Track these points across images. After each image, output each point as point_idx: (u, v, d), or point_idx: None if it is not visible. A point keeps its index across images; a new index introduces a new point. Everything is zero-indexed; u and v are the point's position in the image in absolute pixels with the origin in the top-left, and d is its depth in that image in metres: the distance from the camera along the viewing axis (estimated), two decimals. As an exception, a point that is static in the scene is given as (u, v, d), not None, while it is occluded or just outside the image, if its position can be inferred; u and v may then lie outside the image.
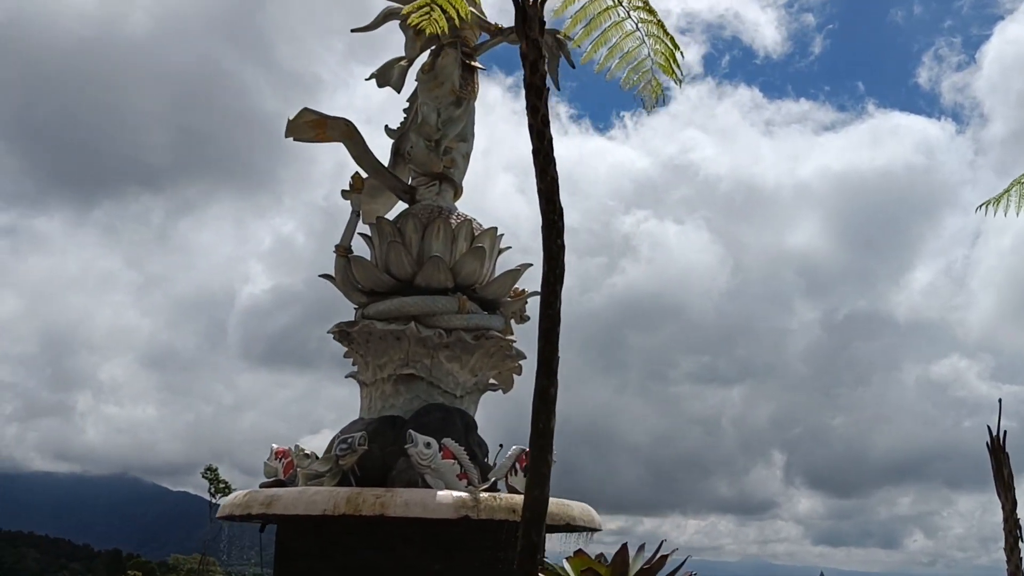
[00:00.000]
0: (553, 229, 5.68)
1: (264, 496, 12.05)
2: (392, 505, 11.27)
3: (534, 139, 5.71)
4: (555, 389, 5.61)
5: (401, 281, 13.61)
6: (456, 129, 14.42)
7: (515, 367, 14.68)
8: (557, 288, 5.70)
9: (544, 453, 5.57)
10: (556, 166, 5.69)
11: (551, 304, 5.70)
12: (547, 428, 5.55)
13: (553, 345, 5.66)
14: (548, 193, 5.65)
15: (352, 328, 13.47)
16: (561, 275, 5.71)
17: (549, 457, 5.61)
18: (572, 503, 12.46)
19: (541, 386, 5.61)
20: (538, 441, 5.60)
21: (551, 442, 5.60)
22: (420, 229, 13.61)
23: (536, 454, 5.63)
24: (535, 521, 5.46)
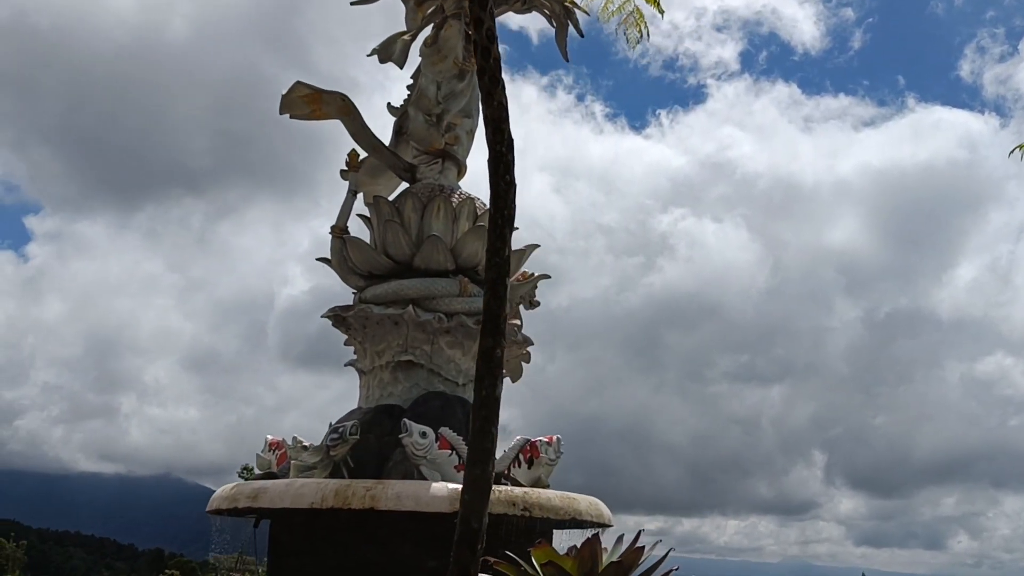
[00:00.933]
0: (501, 163, 4.93)
1: (251, 489, 11.42)
2: (383, 498, 10.57)
3: (478, 57, 4.98)
4: (501, 350, 4.88)
5: (400, 263, 12.90)
6: (459, 104, 13.69)
7: (523, 354, 13.92)
8: (506, 232, 4.97)
9: (487, 424, 4.83)
10: (505, 89, 4.95)
11: (498, 251, 4.96)
12: (491, 396, 4.81)
13: (500, 298, 4.93)
14: (495, 120, 4.90)
15: (348, 313, 12.79)
16: (511, 217, 4.98)
17: (493, 429, 4.86)
18: (578, 496, 11.69)
19: (485, 346, 4.87)
20: (481, 411, 4.86)
21: (496, 411, 4.86)
22: (420, 208, 12.89)
23: (479, 425, 4.89)
24: (475, 505, 4.72)
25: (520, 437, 12.04)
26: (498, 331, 4.90)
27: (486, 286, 4.96)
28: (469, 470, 4.87)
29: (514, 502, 10.83)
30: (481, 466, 4.74)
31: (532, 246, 13.55)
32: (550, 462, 11.89)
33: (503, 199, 4.98)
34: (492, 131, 4.95)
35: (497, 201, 5.04)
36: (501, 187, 4.98)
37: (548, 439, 12.06)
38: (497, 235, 5.01)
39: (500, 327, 4.91)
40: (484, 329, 4.92)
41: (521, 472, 11.75)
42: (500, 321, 4.92)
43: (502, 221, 5.00)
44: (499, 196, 5.01)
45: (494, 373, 4.82)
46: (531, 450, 11.92)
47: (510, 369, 14.18)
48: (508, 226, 5.02)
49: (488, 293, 4.97)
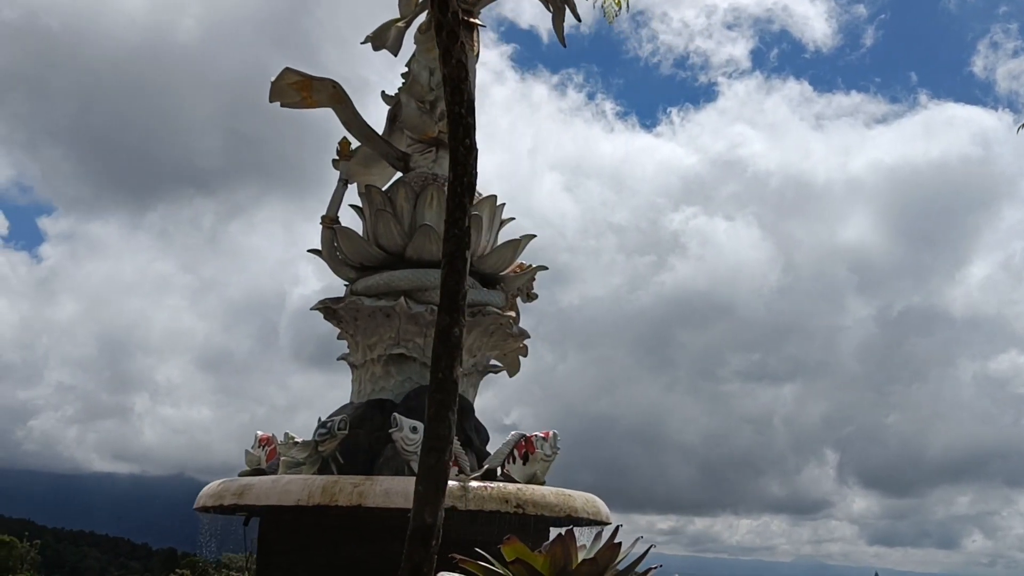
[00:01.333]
0: (460, 126, 4.57)
1: (237, 485, 11.10)
2: (371, 494, 10.23)
3: (435, 10, 4.62)
4: (460, 329, 4.52)
5: (392, 254, 12.56)
6: (454, 91, 13.31)
7: (519, 348, 13.57)
8: (465, 202, 4.61)
9: (444, 409, 4.47)
10: (465, 48, 4.59)
11: (457, 221, 4.60)
12: (449, 378, 4.46)
13: (459, 273, 4.57)
14: (454, 79, 4.56)
15: (338, 305, 12.44)
16: (471, 186, 4.61)
17: (450, 414, 4.51)
18: (575, 493, 11.33)
19: (443, 325, 4.52)
20: (437, 394, 4.51)
21: (454, 396, 4.50)
22: (412, 198, 12.53)
23: (435, 410, 4.53)
24: (429, 497, 4.36)
25: (515, 432, 11.68)
26: (456, 309, 4.54)
27: (443, 259, 4.60)
28: (423, 458, 4.51)
29: (507, 499, 10.48)
30: (436, 454, 4.39)
31: (528, 236, 13.18)
32: (546, 458, 11.52)
33: (462, 165, 4.61)
34: (451, 91, 4.60)
35: (456, 167, 4.67)
36: (460, 152, 4.61)
37: (544, 434, 11.69)
38: (456, 204, 4.65)
39: (458, 304, 4.56)
40: (441, 306, 4.57)
41: (516, 468, 11.39)
42: (458, 298, 4.57)
43: (461, 189, 4.63)
44: (458, 162, 4.65)
45: (451, 354, 4.47)
46: (526, 445, 11.55)
47: (507, 363, 13.83)
48: (468, 195, 4.65)
49: (445, 268, 4.61)
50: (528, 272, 13.42)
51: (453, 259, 4.60)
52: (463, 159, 4.62)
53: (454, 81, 4.59)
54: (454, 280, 4.57)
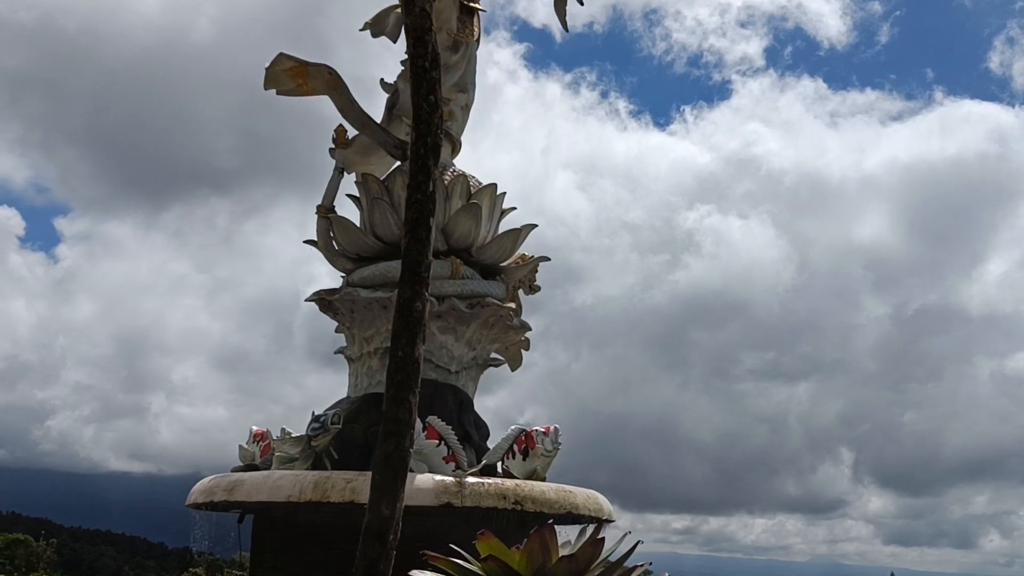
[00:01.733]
0: (423, 81, 4.22)
1: (228, 482, 10.80)
2: (364, 491, 9.70)
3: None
4: (422, 303, 4.17)
5: (389, 244, 12.20)
6: (453, 77, 12.95)
7: (521, 341, 13.22)
8: (429, 164, 4.25)
9: (405, 391, 4.13)
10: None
11: (420, 185, 4.25)
12: (410, 356, 4.11)
13: (422, 242, 4.22)
14: (418, 30, 4.19)
15: (333, 296, 12.12)
16: (435, 147, 4.26)
17: (411, 396, 4.16)
18: (575, 489, 10.97)
19: (403, 298, 4.17)
20: (396, 374, 4.16)
21: (415, 377, 4.16)
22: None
23: (394, 392, 4.19)
24: (387, 488, 4.02)
25: (515, 427, 11.33)
26: (418, 280, 4.19)
27: (405, 227, 4.25)
28: (381, 445, 4.17)
29: (504, 495, 10.15)
30: (395, 440, 4.05)
31: (529, 226, 12.81)
32: (546, 453, 11.16)
33: (425, 124, 4.26)
34: (414, 43, 4.24)
35: (419, 126, 4.31)
36: (424, 109, 4.26)
37: (545, 429, 11.34)
38: (420, 167, 4.29)
39: (420, 276, 4.20)
40: (402, 278, 4.21)
41: (515, 464, 11.04)
42: (420, 269, 4.22)
43: (425, 150, 4.27)
44: (421, 120, 4.29)
45: (413, 331, 4.12)
46: (526, 440, 11.20)
47: (509, 357, 13.49)
48: (432, 156, 4.29)
49: (407, 236, 4.26)
50: (530, 263, 13.06)
51: (416, 227, 4.25)
52: (426, 117, 4.27)
53: (417, 31, 4.23)
54: (416, 250, 4.22)
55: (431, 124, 4.26)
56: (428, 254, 4.26)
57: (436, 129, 4.28)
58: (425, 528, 10.04)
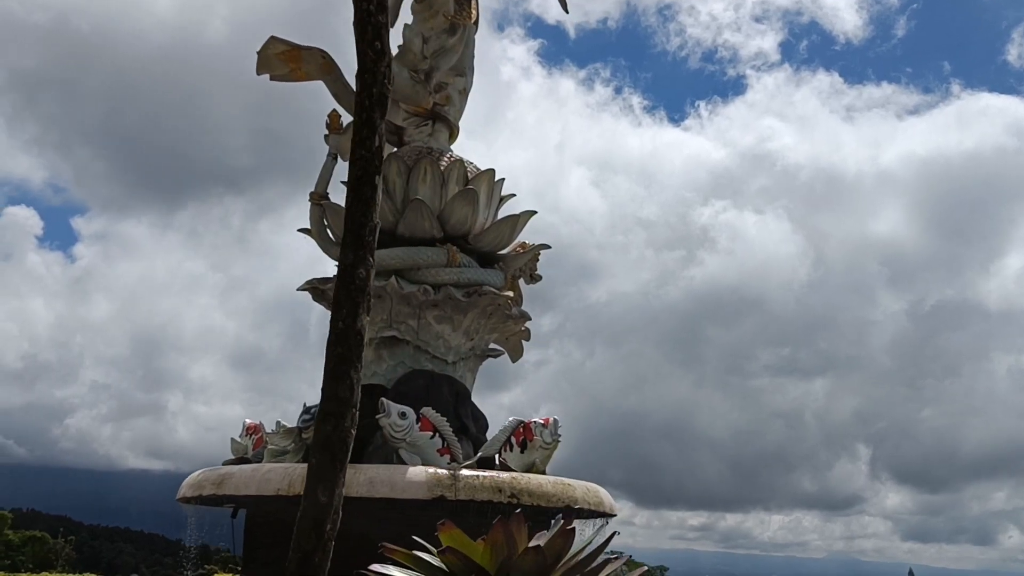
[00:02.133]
0: (368, 26, 3.87)
1: (216, 475, 10.51)
2: (354, 484, 9.56)
3: None
4: (366, 270, 3.83)
5: (383, 231, 11.76)
6: (450, 61, 12.63)
7: (522, 331, 12.87)
8: (374, 117, 3.91)
9: (346, 366, 3.79)
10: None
11: (365, 141, 3.91)
12: (352, 327, 3.77)
13: (366, 202, 3.87)
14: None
15: (326, 285, 11.80)
16: (382, 98, 3.92)
17: (352, 372, 3.82)
18: (574, 482, 10.62)
19: (345, 264, 3.83)
20: (336, 347, 3.82)
21: (358, 350, 3.82)
22: (405, 172, 11.86)
23: (333, 366, 3.84)
24: (325, 473, 3.68)
25: (513, 418, 10.99)
26: (361, 245, 3.84)
27: (348, 185, 3.90)
28: (319, 426, 3.83)
29: (500, 488, 9.80)
30: (333, 421, 3.71)
31: (529, 212, 12.46)
32: (545, 445, 10.81)
33: (371, 73, 3.91)
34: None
35: (364, 76, 3.97)
36: (369, 57, 3.91)
37: (544, 421, 10.99)
38: (364, 120, 3.95)
39: (364, 240, 3.85)
40: (344, 241, 3.87)
41: (513, 456, 10.69)
42: (364, 232, 3.87)
43: (370, 102, 3.93)
44: (366, 69, 3.95)
45: (355, 299, 3.77)
46: (524, 432, 10.85)
47: (510, 347, 13.15)
48: (378, 109, 3.95)
49: (350, 195, 3.91)
50: (530, 251, 12.71)
51: (360, 185, 3.90)
52: (371, 66, 3.92)
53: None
54: (360, 211, 3.87)
55: (377, 73, 3.92)
56: (373, 216, 3.92)
57: (383, 79, 3.94)
58: (418, 522, 9.76)
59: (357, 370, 3.84)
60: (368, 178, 3.92)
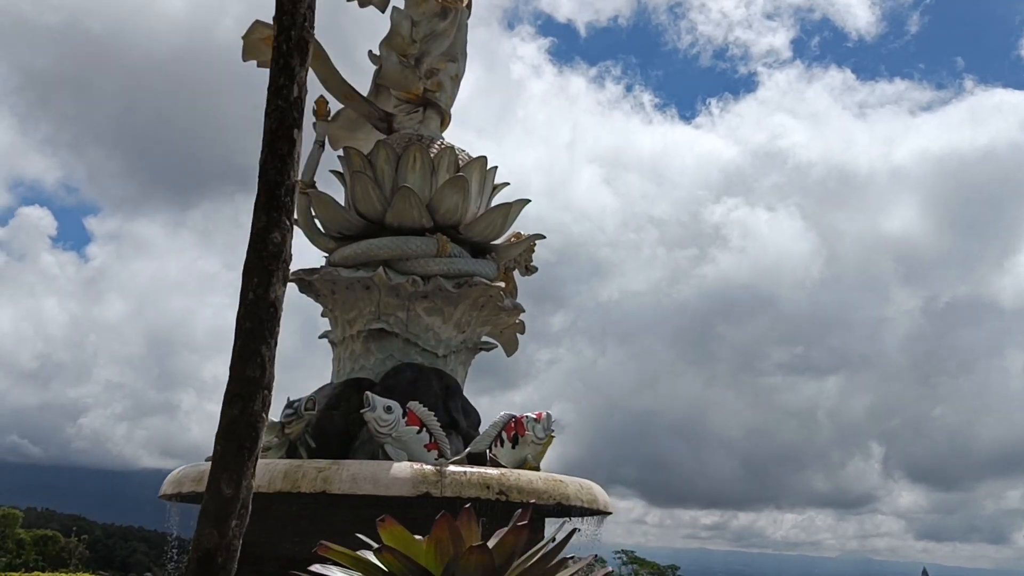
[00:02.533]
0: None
1: (197, 472, 10.17)
2: (336, 480, 9.25)
3: None
4: (282, 235, 3.46)
5: (371, 221, 11.55)
6: (442, 46, 12.27)
7: (516, 324, 12.51)
8: (293, 64, 3.54)
9: (256, 342, 3.42)
10: None
11: (282, 91, 3.54)
12: (263, 298, 3.40)
13: (281, 159, 3.50)
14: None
15: (312, 276, 11.46)
16: (302, 43, 3.55)
17: (263, 349, 3.46)
18: (567, 478, 10.25)
19: (258, 226, 3.45)
20: (246, 321, 3.45)
21: (271, 324, 3.45)
22: (393, 160, 11.50)
23: (242, 343, 3.47)
24: (230, 462, 3.32)
25: (504, 413, 10.62)
26: (276, 206, 3.47)
27: (264, 139, 3.53)
28: (225, 409, 3.45)
29: (488, 485, 9.44)
30: (241, 403, 3.34)
31: (522, 201, 12.09)
32: (537, 440, 10.46)
33: (290, 16, 3.54)
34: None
35: (282, 18, 3.59)
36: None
37: (536, 415, 10.64)
38: (282, 67, 3.58)
39: (279, 201, 3.48)
40: (257, 202, 3.50)
41: (504, 452, 10.33)
42: (279, 191, 3.49)
43: (288, 47, 3.56)
44: (284, 11, 3.57)
45: (268, 267, 3.40)
46: (516, 427, 10.49)
47: (504, 341, 12.80)
48: (298, 55, 3.57)
49: (265, 151, 3.53)
50: (523, 241, 12.34)
51: (275, 139, 3.53)
52: (290, 8, 3.55)
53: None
54: (274, 168, 3.50)
55: (296, 15, 3.55)
56: (290, 173, 3.55)
57: (303, 22, 3.58)
58: (402, 520, 9.41)
59: (270, 347, 3.47)
60: (285, 131, 3.54)
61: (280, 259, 3.46)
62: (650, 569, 49.88)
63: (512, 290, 12.48)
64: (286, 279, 3.52)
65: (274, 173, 3.49)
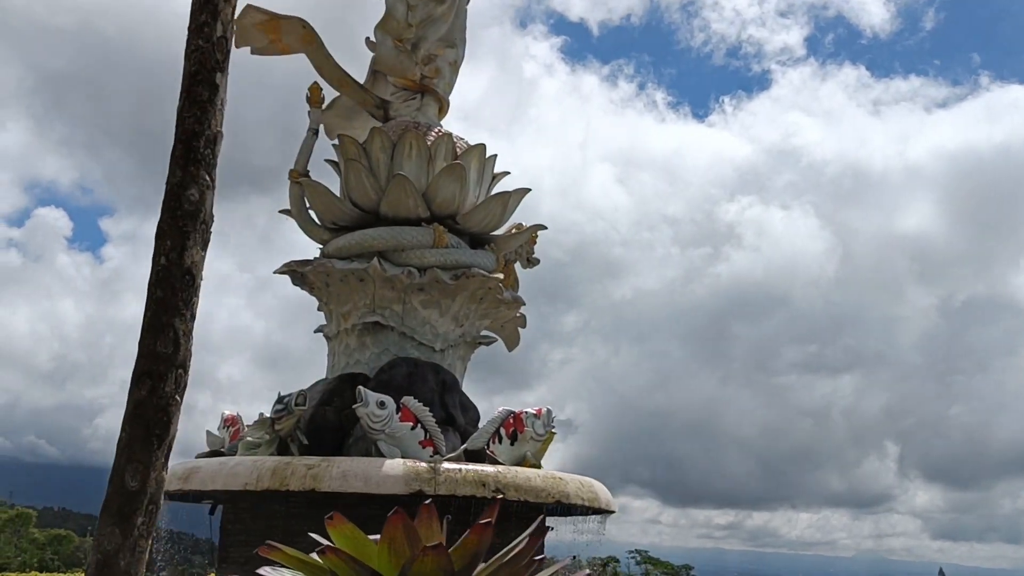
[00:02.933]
0: None
1: (184, 469, 9.85)
2: (326, 477, 8.90)
3: None
4: (199, 192, 3.08)
5: (366, 211, 11.19)
6: (439, 31, 11.91)
7: (517, 318, 12.13)
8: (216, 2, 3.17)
9: (168, 314, 3.06)
10: None
11: (204, 30, 3.17)
12: (177, 264, 3.04)
13: (201, 106, 3.13)
14: None
15: (305, 268, 11.11)
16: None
17: (178, 321, 3.09)
18: (567, 476, 9.87)
19: (172, 183, 3.09)
20: (157, 289, 3.08)
21: (186, 294, 3.08)
22: (389, 147, 11.13)
23: (152, 315, 3.10)
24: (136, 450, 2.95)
25: (503, 408, 10.25)
26: (193, 159, 3.09)
27: (182, 85, 3.17)
28: (133, 390, 3.09)
29: (484, 482, 9.07)
30: (150, 383, 2.97)
31: (523, 190, 11.70)
32: (537, 437, 10.08)
33: None
34: None
35: None
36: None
37: (536, 411, 10.26)
38: (204, 2, 3.21)
39: (197, 153, 3.10)
40: (173, 155, 3.14)
41: (502, 449, 9.96)
42: (198, 142, 3.12)
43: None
44: None
45: (182, 228, 3.03)
46: (514, 423, 10.11)
47: (505, 335, 12.42)
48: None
49: (183, 97, 3.17)
50: (524, 232, 11.96)
51: (194, 84, 3.17)
52: None
53: None
54: (194, 115, 3.13)
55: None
56: (210, 122, 3.18)
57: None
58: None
59: (185, 320, 3.10)
60: (206, 75, 3.18)
61: (198, 219, 3.09)
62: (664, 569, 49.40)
63: (513, 283, 12.11)
64: (206, 243, 3.16)
65: (192, 122, 3.13)
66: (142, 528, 3.05)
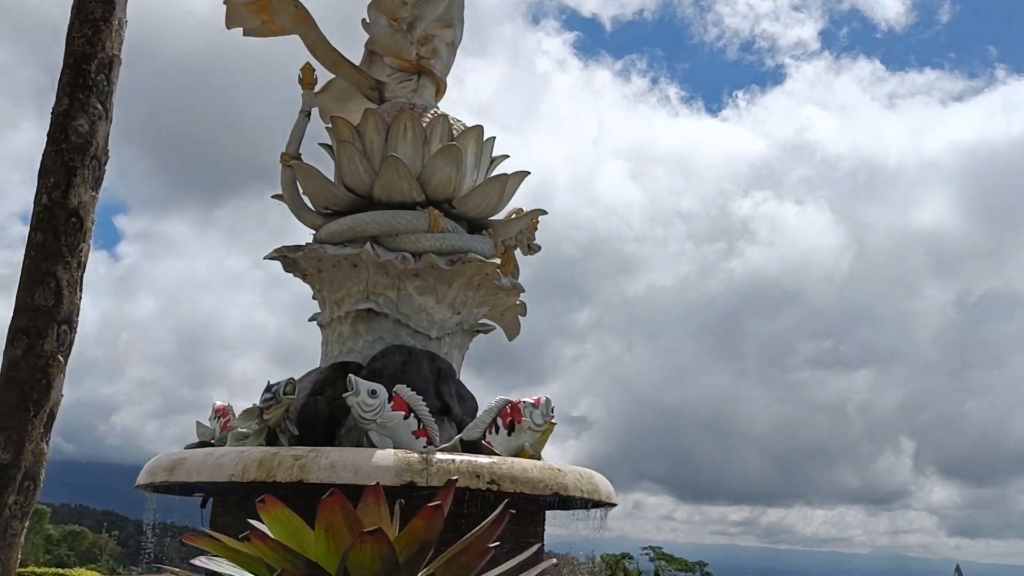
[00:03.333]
0: None
1: (169, 461, 9.55)
2: (314, 468, 8.57)
3: None
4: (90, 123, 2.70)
5: (359, 195, 10.85)
6: (436, 10, 11.56)
7: (516, 306, 11.76)
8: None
9: (49, 261, 2.72)
10: None
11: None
12: (62, 203, 2.70)
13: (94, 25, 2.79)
14: None
15: (296, 253, 10.78)
16: None
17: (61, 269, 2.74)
18: (565, 467, 9.52)
19: (58, 112, 2.75)
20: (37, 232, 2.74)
21: (76, 236, 2.73)
22: (383, 129, 10.79)
23: (31, 263, 2.74)
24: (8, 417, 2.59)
25: (500, 398, 9.88)
26: (83, 85, 2.74)
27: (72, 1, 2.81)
28: (8, 350, 2.74)
29: (478, 473, 8.72)
30: (27, 341, 2.61)
31: (522, 172, 11.33)
32: (535, 428, 9.71)
33: None
34: None
35: None
36: None
37: (535, 400, 9.89)
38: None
39: (92, 80, 2.74)
40: (60, 81, 2.80)
41: (499, 439, 9.59)
42: (91, 67, 2.75)
43: None
44: None
45: (69, 163, 2.69)
46: (512, 413, 9.75)
47: (505, 323, 12.06)
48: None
49: (72, 15, 2.79)
50: (524, 217, 11.60)
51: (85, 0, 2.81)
52: None
53: None
54: (83, 36, 2.78)
55: None
56: (104, 44, 2.84)
57: None
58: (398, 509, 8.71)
59: (70, 268, 2.75)
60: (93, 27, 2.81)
61: (87, 154, 2.75)
62: (678, 565, 49.04)
63: (513, 269, 11.74)
64: (97, 181, 2.82)
65: (82, 42, 2.79)
66: (14, 508, 2.69)
